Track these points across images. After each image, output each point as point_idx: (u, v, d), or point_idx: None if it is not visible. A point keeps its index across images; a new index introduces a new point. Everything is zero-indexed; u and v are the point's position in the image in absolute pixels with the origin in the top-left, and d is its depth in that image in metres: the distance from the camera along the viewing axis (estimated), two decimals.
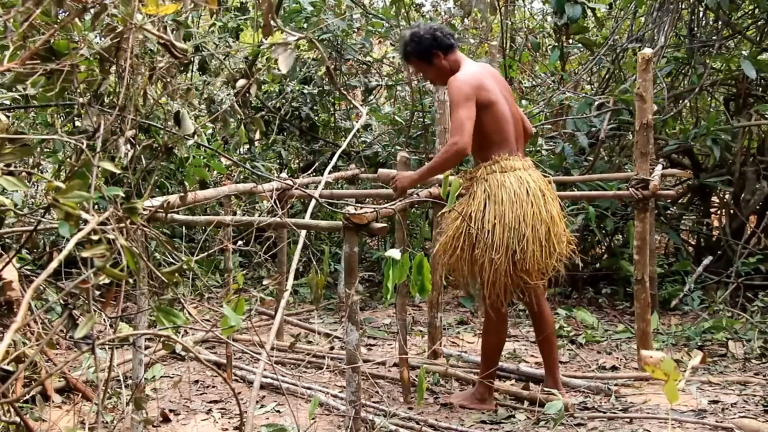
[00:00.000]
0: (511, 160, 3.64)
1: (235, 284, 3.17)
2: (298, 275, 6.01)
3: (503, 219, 3.54)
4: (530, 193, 3.60)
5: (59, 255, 1.65)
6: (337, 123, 7.55)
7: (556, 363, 3.92)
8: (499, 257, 3.53)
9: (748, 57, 5.67)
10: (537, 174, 3.72)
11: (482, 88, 3.60)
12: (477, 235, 3.57)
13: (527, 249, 3.55)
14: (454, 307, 6.11)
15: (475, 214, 3.60)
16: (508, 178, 3.60)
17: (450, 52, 3.71)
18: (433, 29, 3.70)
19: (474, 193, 3.66)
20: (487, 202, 3.59)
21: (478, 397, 3.80)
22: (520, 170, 3.64)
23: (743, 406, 3.76)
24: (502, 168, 3.62)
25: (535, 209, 3.58)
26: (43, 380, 2.19)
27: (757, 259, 5.75)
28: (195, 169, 5.60)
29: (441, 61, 3.71)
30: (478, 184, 3.65)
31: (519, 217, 3.55)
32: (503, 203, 3.56)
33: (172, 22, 2.43)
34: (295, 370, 4.35)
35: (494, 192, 3.59)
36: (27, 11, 2.05)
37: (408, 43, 3.74)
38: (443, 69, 3.72)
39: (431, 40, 3.67)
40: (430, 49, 3.68)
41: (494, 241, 3.54)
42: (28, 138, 2.00)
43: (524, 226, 3.54)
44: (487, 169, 3.64)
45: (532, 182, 3.63)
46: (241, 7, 6.79)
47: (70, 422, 3.26)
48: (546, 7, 7.76)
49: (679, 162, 6.50)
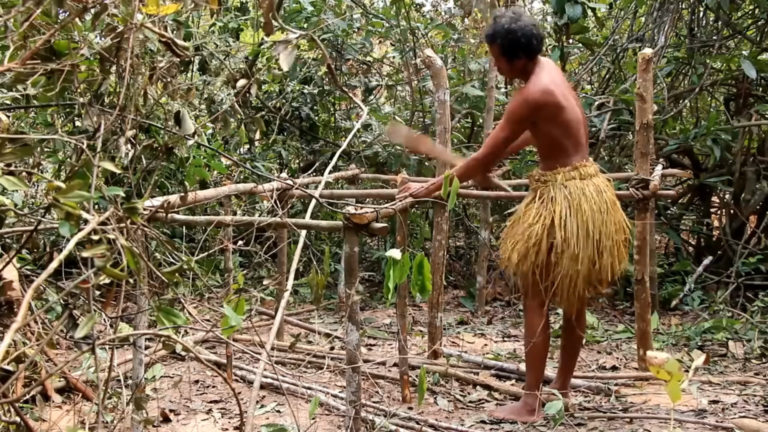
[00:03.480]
0: (588, 167, 3.57)
1: (235, 284, 3.17)
2: (298, 275, 6.01)
3: (587, 229, 3.47)
4: (608, 202, 3.54)
5: (59, 255, 1.65)
6: (337, 123, 7.55)
7: (573, 370, 3.89)
8: (582, 269, 3.48)
9: (749, 57, 5.67)
10: (604, 179, 3.66)
11: (548, 103, 3.46)
12: (558, 243, 3.49)
13: (605, 259, 3.51)
14: (454, 307, 6.11)
15: (558, 223, 3.50)
16: (588, 187, 3.52)
17: (532, 59, 3.58)
18: (532, 33, 3.52)
19: (553, 198, 3.54)
20: (569, 210, 3.50)
21: (528, 408, 3.64)
22: (596, 177, 3.58)
23: (743, 406, 3.76)
24: (581, 175, 3.53)
25: (612, 219, 3.54)
26: (43, 380, 2.19)
27: (758, 259, 5.75)
28: (195, 169, 5.60)
29: (520, 64, 3.58)
30: (556, 189, 3.53)
31: (600, 227, 3.49)
32: (585, 213, 3.48)
33: (173, 22, 2.43)
34: (295, 370, 4.35)
35: (576, 200, 3.50)
36: (27, 11, 2.05)
37: (501, 33, 3.54)
38: (516, 69, 3.61)
39: (525, 44, 3.52)
40: (518, 51, 3.54)
41: (577, 252, 3.47)
42: (28, 138, 2.00)
43: (604, 238, 3.50)
44: (566, 175, 3.53)
45: (608, 192, 3.57)
46: (241, 7, 6.79)
47: (71, 422, 3.26)
48: (546, 7, 7.75)
49: (679, 162, 6.50)
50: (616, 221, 3.57)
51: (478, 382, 4.14)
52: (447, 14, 7.88)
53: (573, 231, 3.47)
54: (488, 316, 5.79)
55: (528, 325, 3.68)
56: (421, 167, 6.57)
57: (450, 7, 8.03)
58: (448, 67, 6.50)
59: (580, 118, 3.60)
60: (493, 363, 4.42)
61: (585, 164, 3.57)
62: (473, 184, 4.72)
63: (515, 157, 6.32)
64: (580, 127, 3.59)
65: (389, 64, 7.87)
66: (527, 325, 3.70)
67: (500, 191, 4.37)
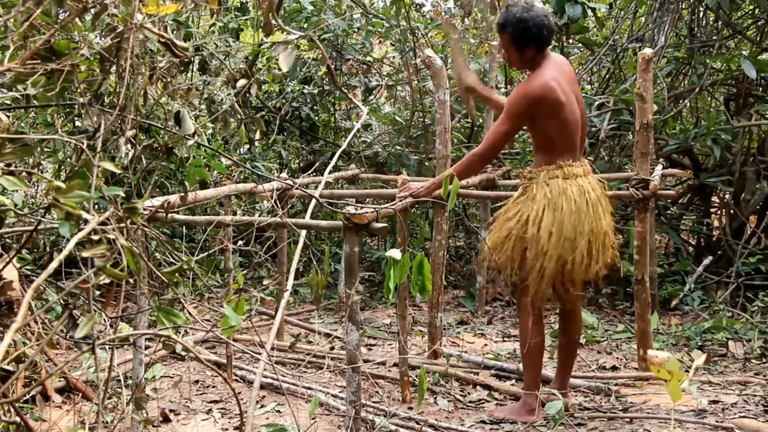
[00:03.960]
0: (575, 167, 3.55)
1: (235, 284, 3.17)
2: (298, 275, 6.00)
3: (561, 228, 3.47)
4: (590, 204, 3.52)
5: (59, 255, 1.65)
6: (337, 123, 7.55)
7: (571, 369, 3.89)
8: (550, 266, 3.48)
9: (749, 57, 5.67)
10: (595, 181, 3.64)
11: (546, 99, 3.45)
12: (530, 239, 3.51)
13: (578, 260, 3.50)
14: (454, 307, 6.11)
15: (532, 219, 3.52)
16: (570, 186, 3.51)
17: (542, 50, 3.56)
18: (543, 24, 3.49)
19: (533, 196, 3.56)
20: (546, 208, 3.51)
21: (527, 408, 3.64)
22: (582, 177, 3.56)
23: (743, 406, 3.76)
24: (565, 174, 3.52)
25: (592, 220, 3.52)
26: (43, 380, 2.19)
27: (758, 259, 5.75)
28: (195, 169, 5.59)
29: (530, 54, 3.56)
30: (538, 187, 3.55)
31: (576, 228, 3.48)
32: (562, 212, 3.48)
33: (173, 22, 2.43)
34: (295, 370, 4.35)
35: (554, 199, 3.50)
36: (27, 11, 2.05)
37: (512, 21, 3.52)
38: (525, 60, 3.59)
39: (536, 34, 3.49)
40: (528, 41, 3.52)
41: (548, 250, 3.47)
42: (28, 138, 2.00)
43: (580, 238, 3.48)
44: (549, 174, 3.54)
45: (593, 192, 3.55)
46: (241, 7, 6.79)
47: (70, 422, 3.26)
48: (546, 7, 7.75)
49: (679, 162, 6.50)
50: (597, 223, 3.53)
51: (478, 382, 4.14)
52: (447, 14, 7.87)
53: (546, 228, 3.49)
54: (488, 316, 5.79)
55: (521, 323, 3.72)
56: (421, 167, 6.57)
57: (450, 7, 8.03)
58: (448, 67, 6.49)
59: (579, 118, 3.58)
60: (493, 363, 4.42)
61: (572, 164, 3.55)
62: (473, 185, 4.71)
63: (515, 157, 6.33)
64: (577, 128, 3.58)
65: (389, 64, 7.87)
66: (521, 323, 3.73)
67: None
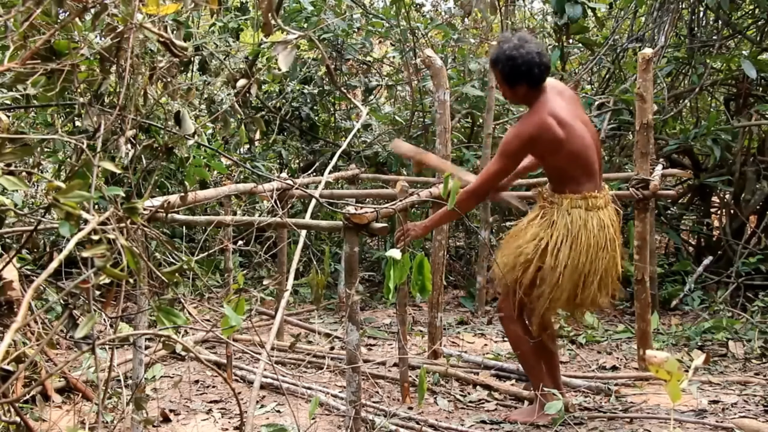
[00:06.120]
0: (598, 198, 3.49)
1: (235, 284, 3.17)
2: (298, 275, 6.01)
3: (577, 263, 3.44)
4: (608, 239, 3.49)
5: (59, 255, 1.65)
6: (337, 123, 7.55)
7: (558, 368, 3.80)
8: (562, 297, 3.47)
9: (749, 57, 5.68)
10: (614, 211, 3.59)
11: (542, 138, 3.38)
12: (546, 269, 3.47)
13: (587, 292, 3.49)
14: (454, 307, 6.11)
15: (551, 249, 3.47)
16: (592, 220, 3.46)
17: (535, 87, 3.46)
18: (533, 62, 3.39)
19: (553, 222, 3.49)
20: (565, 240, 3.45)
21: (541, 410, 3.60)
22: (602, 209, 3.51)
23: (743, 406, 3.75)
24: (588, 206, 3.46)
25: (608, 256, 3.49)
26: (43, 380, 2.19)
27: (758, 259, 5.75)
28: (195, 169, 5.59)
29: (521, 91, 3.49)
30: (559, 214, 3.47)
31: (593, 264, 3.45)
32: (581, 245, 3.44)
33: (173, 22, 2.43)
34: (295, 370, 4.35)
35: (575, 230, 3.45)
36: (27, 11, 2.05)
37: (502, 59, 3.45)
38: (518, 96, 3.52)
39: (525, 72, 3.40)
40: (518, 78, 3.44)
41: (561, 283, 3.45)
42: (28, 138, 2.00)
43: (593, 275, 3.46)
44: (573, 202, 3.47)
45: (612, 226, 3.52)
46: (241, 7, 6.79)
47: (70, 422, 3.26)
48: (546, 7, 7.75)
49: (680, 162, 6.50)
50: (610, 258, 3.51)
51: (478, 382, 4.14)
52: (447, 14, 7.87)
53: (563, 260, 3.44)
54: (488, 316, 5.79)
55: (508, 333, 3.70)
56: (421, 168, 6.56)
57: (450, 7, 8.02)
58: (448, 67, 6.49)
59: (589, 143, 3.48)
60: (493, 363, 4.42)
61: (595, 195, 3.48)
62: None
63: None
64: (590, 153, 3.49)
65: (389, 64, 7.87)
66: (508, 333, 3.71)
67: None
